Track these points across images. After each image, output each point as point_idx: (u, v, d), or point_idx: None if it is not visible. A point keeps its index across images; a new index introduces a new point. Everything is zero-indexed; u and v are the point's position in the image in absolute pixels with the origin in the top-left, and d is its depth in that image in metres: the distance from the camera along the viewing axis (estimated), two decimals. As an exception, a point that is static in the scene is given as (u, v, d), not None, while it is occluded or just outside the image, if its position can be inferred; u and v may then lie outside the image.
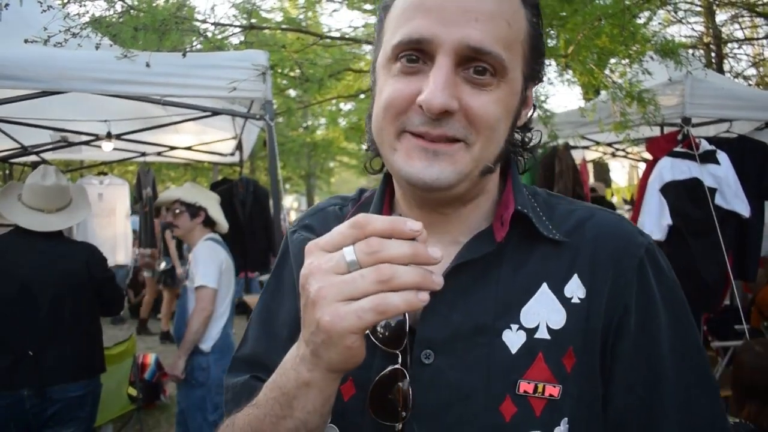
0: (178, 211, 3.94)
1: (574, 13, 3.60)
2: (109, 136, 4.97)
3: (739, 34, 10.71)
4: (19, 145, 5.34)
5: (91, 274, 3.28)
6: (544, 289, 0.84)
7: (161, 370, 5.86)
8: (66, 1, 3.66)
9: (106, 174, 7.14)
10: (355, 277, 0.64)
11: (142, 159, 6.59)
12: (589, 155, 7.25)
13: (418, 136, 0.79)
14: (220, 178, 6.87)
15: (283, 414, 0.75)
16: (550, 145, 5.59)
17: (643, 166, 5.73)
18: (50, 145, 5.39)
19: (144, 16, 3.61)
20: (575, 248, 0.87)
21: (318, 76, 4.30)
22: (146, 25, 3.49)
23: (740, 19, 10.13)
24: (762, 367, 2.41)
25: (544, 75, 0.92)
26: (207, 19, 4.23)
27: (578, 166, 5.80)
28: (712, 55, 9.75)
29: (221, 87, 3.27)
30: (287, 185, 21.17)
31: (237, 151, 6.20)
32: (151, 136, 5.66)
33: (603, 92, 5.09)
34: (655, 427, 0.82)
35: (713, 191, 4.15)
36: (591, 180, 7.74)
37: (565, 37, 3.78)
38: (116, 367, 4.43)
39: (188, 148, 6.22)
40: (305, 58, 4.67)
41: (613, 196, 11.03)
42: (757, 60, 10.57)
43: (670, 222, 4.18)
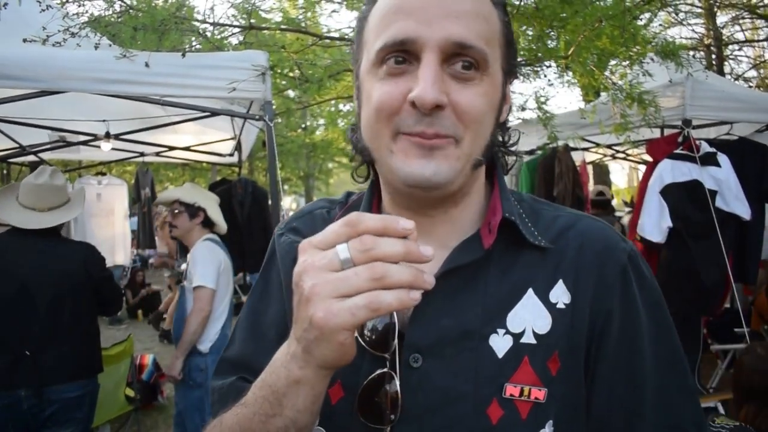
0: (177, 212, 3.93)
1: (575, 15, 3.59)
2: (108, 136, 4.96)
3: (740, 36, 10.74)
4: (18, 145, 5.32)
5: (89, 274, 3.27)
6: (530, 295, 0.86)
7: (159, 370, 5.85)
8: (65, 1, 3.65)
9: (105, 174, 7.12)
10: (349, 275, 0.65)
11: (141, 159, 6.57)
12: (589, 157, 7.26)
13: (415, 136, 0.80)
14: (219, 178, 6.86)
15: (273, 412, 0.75)
16: (550, 146, 5.58)
17: (643, 168, 5.73)
18: (48, 145, 5.37)
19: (143, 16, 3.60)
20: (560, 254, 0.89)
21: (317, 77, 4.29)
22: (145, 25, 3.48)
23: (741, 21, 10.15)
24: (762, 370, 2.40)
25: (520, 72, 0.94)
26: (206, 19, 4.23)
27: (578, 168, 5.80)
28: (713, 56, 9.76)
29: (220, 87, 3.26)
30: (286, 186, 21.20)
31: (236, 152, 6.18)
32: (150, 137, 5.64)
33: (603, 94, 5.09)
34: (634, 428, 0.83)
35: (714, 193, 4.15)
36: (591, 182, 7.74)
37: (566, 38, 3.78)
38: (114, 368, 4.43)
39: (187, 149, 6.20)
40: (304, 58, 4.66)
41: (612, 198, 11.04)
42: (758, 62, 10.59)
43: (671, 224, 4.17)
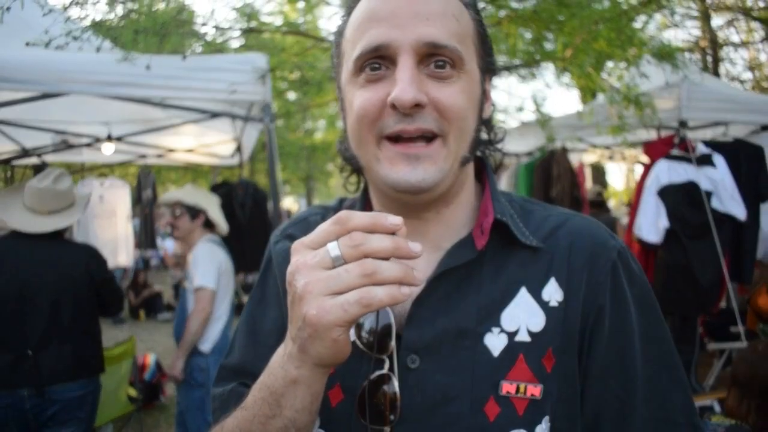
0: (178, 213, 3.95)
1: (572, 17, 3.61)
2: (110, 138, 4.99)
3: (735, 38, 10.75)
4: (20, 147, 5.35)
5: (91, 276, 3.28)
6: (523, 294, 0.87)
7: (161, 370, 5.87)
8: (67, 5, 3.68)
9: (107, 176, 7.15)
10: (340, 272, 0.67)
11: (143, 161, 6.60)
12: (587, 158, 7.29)
13: (397, 141, 0.81)
14: (220, 180, 6.88)
15: (272, 413, 0.76)
16: (548, 148, 5.61)
17: (640, 169, 5.76)
18: (51, 148, 5.40)
19: (144, 20, 3.63)
20: (551, 253, 0.90)
21: (317, 79, 4.32)
22: (147, 29, 3.50)
23: (736, 23, 10.17)
24: (760, 366, 2.42)
25: (498, 68, 0.96)
26: (207, 23, 4.26)
27: (575, 169, 5.84)
28: (709, 58, 9.78)
29: (221, 90, 3.29)
30: (287, 187, 21.18)
31: (237, 154, 6.21)
32: (152, 139, 5.67)
33: (600, 95, 5.12)
34: (626, 421, 0.85)
35: (709, 194, 4.18)
36: (589, 183, 7.75)
37: (563, 40, 3.80)
38: (116, 368, 4.44)
39: (188, 151, 6.24)
40: (304, 61, 4.69)
41: (610, 198, 11.06)
42: (753, 64, 10.60)
43: (667, 225, 4.20)
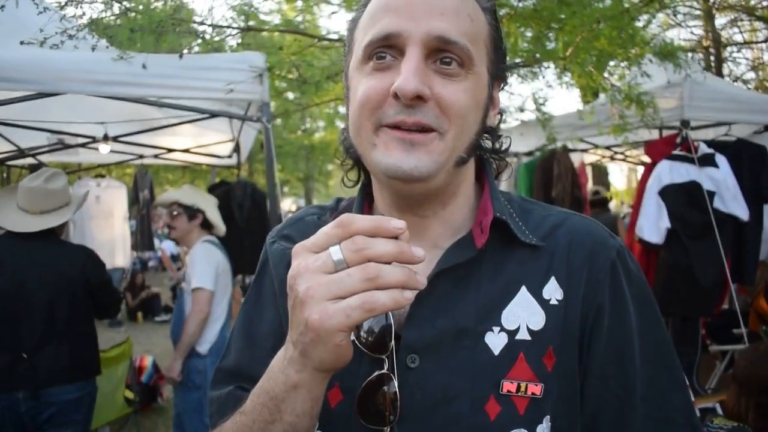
0: (175, 213, 3.93)
1: (573, 16, 3.59)
2: (106, 138, 4.95)
3: (739, 38, 10.75)
4: (16, 148, 5.32)
5: (87, 278, 3.25)
6: (523, 292, 0.87)
7: (158, 372, 5.84)
8: (63, 3, 3.64)
9: (104, 176, 7.11)
10: (343, 276, 0.66)
11: (140, 161, 6.56)
12: (588, 158, 7.26)
13: (395, 128, 0.81)
14: (218, 180, 6.86)
15: (272, 418, 0.75)
16: (549, 147, 5.58)
17: (641, 169, 5.73)
18: (47, 148, 5.37)
19: (141, 18, 3.60)
20: (551, 252, 0.90)
21: (316, 78, 4.28)
22: (143, 27, 3.47)
23: (739, 23, 10.17)
24: (760, 366, 2.40)
25: (508, 79, 0.94)
26: (204, 21, 4.22)
27: (576, 169, 5.81)
28: (711, 58, 9.77)
29: (218, 89, 3.26)
30: (285, 188, 21.20)
31: (234, 154, 6.18)
32: (149, 139, 5.63)
33: (602, 95, 5.09)
34: (626, 421, 0.85)
35: (712, 194, 4.15)
36: (590, 183, 7.73)
37: (564, 39, 3.77)
38: (113, 370, 4.42)
39: (186, 151, 6.20)
40: (303, 60, 4.65)
41: (611, 199, 11.05)
42: (756, 63, 10.60)
43: (669, 225, 4.17)
